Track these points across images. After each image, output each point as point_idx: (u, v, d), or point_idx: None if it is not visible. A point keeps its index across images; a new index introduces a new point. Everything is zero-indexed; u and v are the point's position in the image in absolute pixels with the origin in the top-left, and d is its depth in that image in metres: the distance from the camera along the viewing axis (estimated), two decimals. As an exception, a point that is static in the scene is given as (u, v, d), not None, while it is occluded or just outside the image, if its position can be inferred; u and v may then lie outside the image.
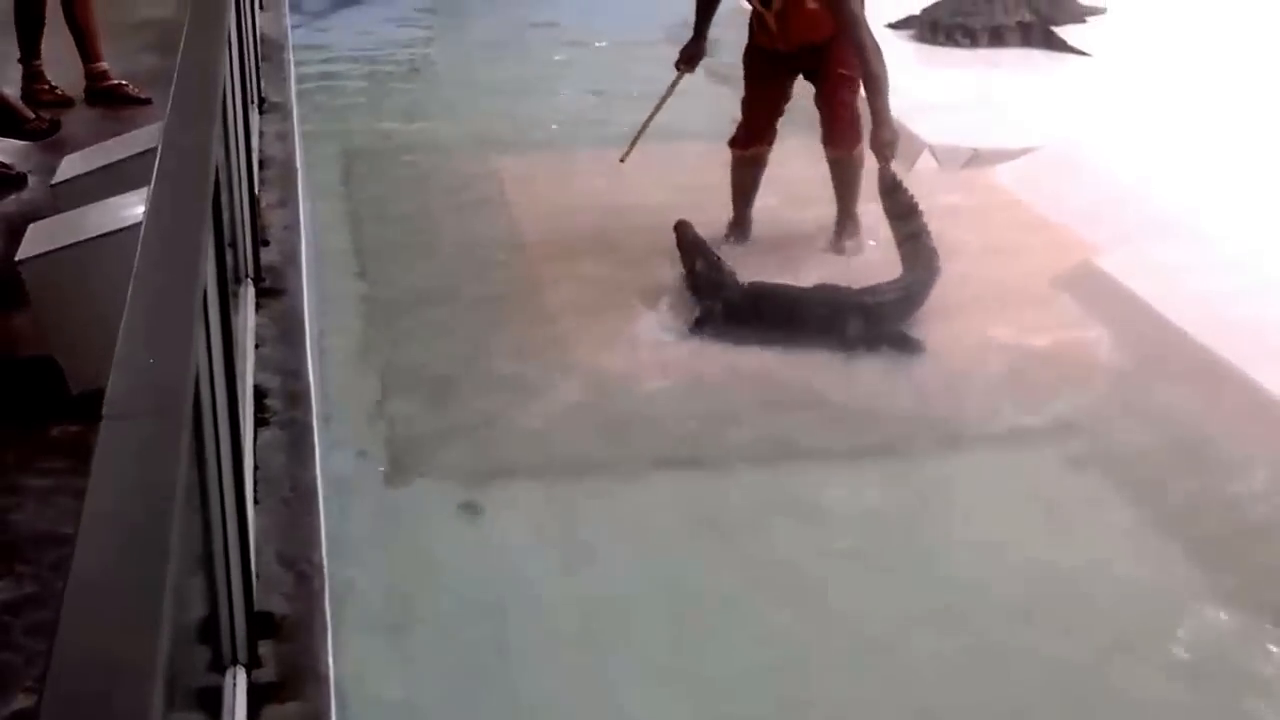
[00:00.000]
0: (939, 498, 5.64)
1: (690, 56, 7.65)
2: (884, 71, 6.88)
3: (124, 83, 7.54)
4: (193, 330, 2.30)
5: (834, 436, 5.97)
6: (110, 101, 7.47)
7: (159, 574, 1.71)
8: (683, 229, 6.91)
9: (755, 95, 7.49)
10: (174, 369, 2.16)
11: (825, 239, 7.46)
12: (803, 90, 7.44)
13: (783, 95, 7.45)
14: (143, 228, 2.62)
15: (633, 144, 7.83)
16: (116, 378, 2.10)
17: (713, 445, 5.89)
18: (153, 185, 2.77)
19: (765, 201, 7.66)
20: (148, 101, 7.28)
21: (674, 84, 7.76)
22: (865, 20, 6.94)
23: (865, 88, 6.98)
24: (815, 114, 7.37)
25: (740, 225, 7.58)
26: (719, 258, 6.80)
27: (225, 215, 3.35)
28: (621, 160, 7.84)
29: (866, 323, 6.52)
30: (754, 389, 6.27)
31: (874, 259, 7.18)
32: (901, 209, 6.92)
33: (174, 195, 2.79)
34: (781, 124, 7.52)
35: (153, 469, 1.94)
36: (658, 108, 7.80)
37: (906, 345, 6.53)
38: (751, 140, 7.50)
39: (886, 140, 6.89)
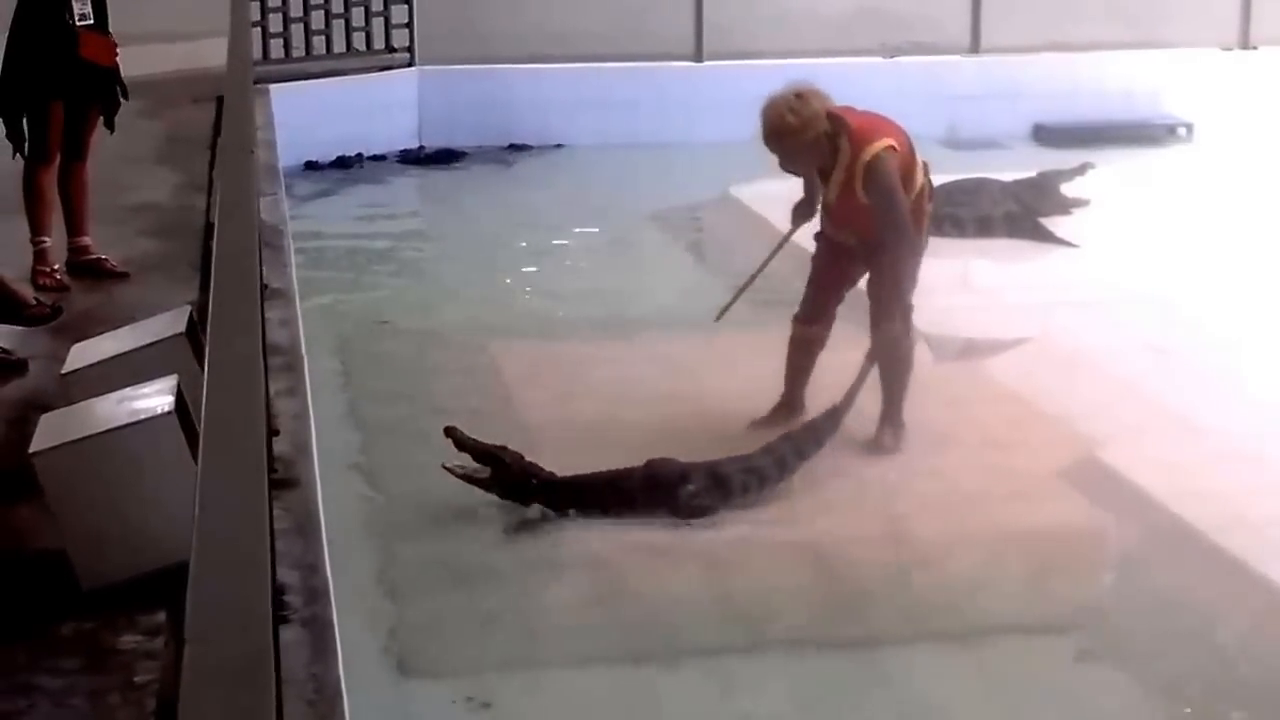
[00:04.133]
0: (944, 691, 5.58)
1: (803, 212, 7.65)
2: (913, 266, 7.22)
3: (104, 257, 7.76)
4: (266, 546, 2.27)
5: (842, 628, 5.95)
6: (91, 275, 7.65)
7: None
8: (456, 433, 6.62)
9: (816, 274, 7.58)
10: (253, 588, 2.13)
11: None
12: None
13: (842, 279, 7.51)
14: (201, 441, 2.59)
15: (734, 300, 7.76)
16: (195, 597, 2.07)
17: (723, 637, 5.84)
18: (205, 397, 2.75)
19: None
20: (126, 275, 7.63)
21: (787, 236, 7.76)
22: (906, 221, 7.09)
23: (889, 267, 7.20)
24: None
25: (789, 404, 7.53)
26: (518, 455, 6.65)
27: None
28: (717, 319, 7.78)
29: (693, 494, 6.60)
30: (756, 577, 6.24)
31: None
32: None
33: (228, 405, 2.77)
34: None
35: (244, 694, 1.91)
36: (768, 260, 7.80)
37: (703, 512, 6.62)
38: (808, 318, 7.54)
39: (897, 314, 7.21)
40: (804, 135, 7.01)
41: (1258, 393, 7.68)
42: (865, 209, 7.12)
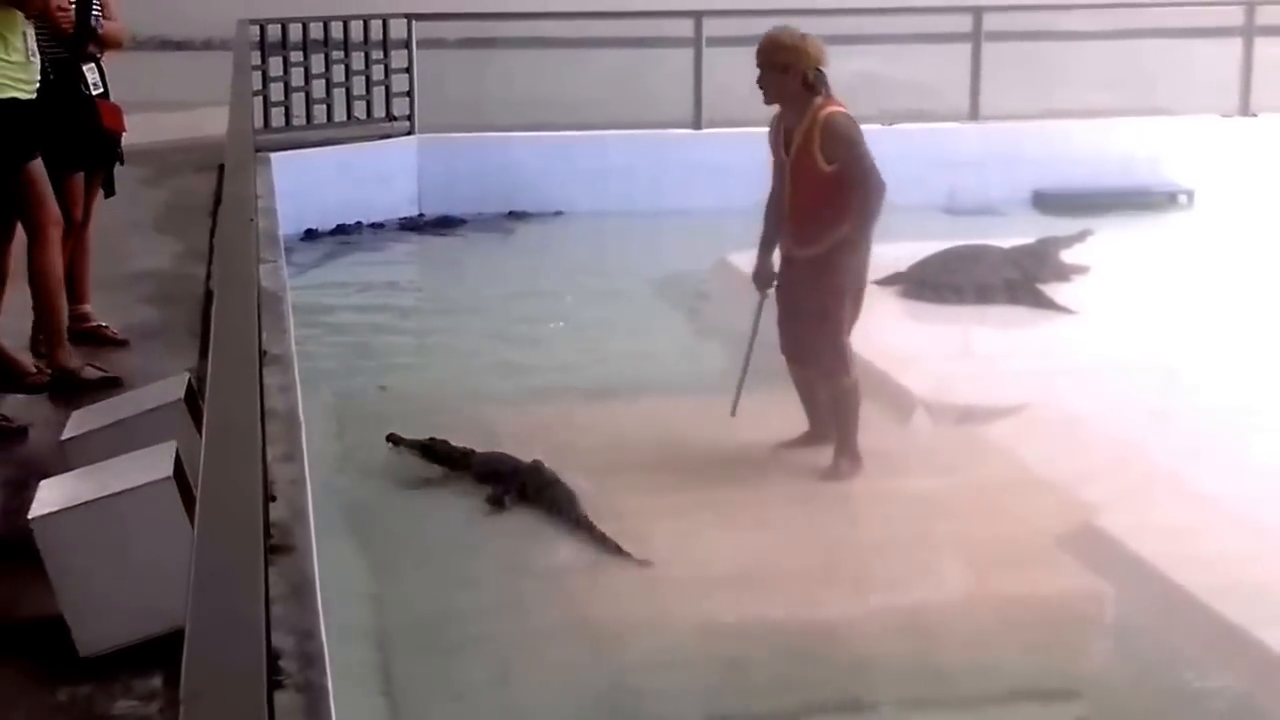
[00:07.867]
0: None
1: (763, 277, 7.81)
2: (876, 207, 7.42)
3: (104, 325, 7.78)
4: (261, 611, 2.27)
5: (839, 697, 5.92)
6: (90, 342, 7.64)
7: None
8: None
9: (780, 308, 7.78)
10: (248, 652, 2.13)
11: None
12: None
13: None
14: (198, 506, 2.59)
15: (739, 391, 7.84)
16: (190, 661, 2.07)
17: (722, 707, 5.84)
18: (203, 461, 2.76)
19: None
20: (125, 343, 7.65)
21: (759, 308, 7.87)
22: (875, 169, 7.39)
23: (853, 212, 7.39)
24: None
25: (814, 432, 7.80)
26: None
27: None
28: (733, 414, 7.84)
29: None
30: (751, 645, 6.20)
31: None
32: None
33: (225, 470, 2.78)
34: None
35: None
36: (752, 340, 7.89)
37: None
38: (786, 354, 7.79)
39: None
40: (794, 60, 7.36)
41: (1257, 459, 7.66)
42: (820, 181, 7.37)
